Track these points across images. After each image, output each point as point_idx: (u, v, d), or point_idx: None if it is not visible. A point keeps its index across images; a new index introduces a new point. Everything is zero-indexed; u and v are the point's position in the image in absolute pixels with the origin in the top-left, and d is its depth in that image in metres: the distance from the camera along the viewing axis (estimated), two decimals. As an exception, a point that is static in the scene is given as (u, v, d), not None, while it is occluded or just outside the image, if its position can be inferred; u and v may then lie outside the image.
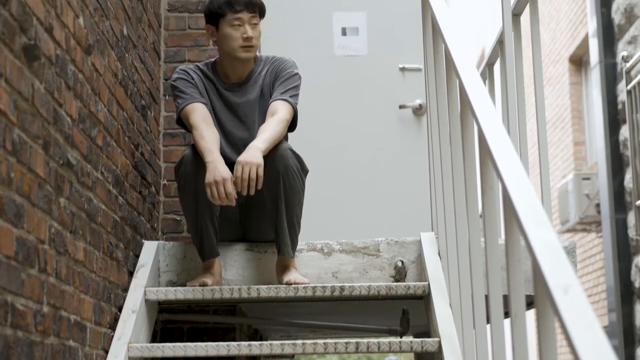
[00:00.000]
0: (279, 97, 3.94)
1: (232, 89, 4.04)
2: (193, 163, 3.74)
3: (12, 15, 2.36)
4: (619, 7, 8.56)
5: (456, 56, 2.95)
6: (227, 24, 3.96)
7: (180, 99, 3.92)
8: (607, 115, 8.63)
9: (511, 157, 2.15)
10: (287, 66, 4.06)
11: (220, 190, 3.60)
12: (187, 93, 3.93)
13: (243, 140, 3.92)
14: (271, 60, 4.10)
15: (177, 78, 3.97)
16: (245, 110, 4.02)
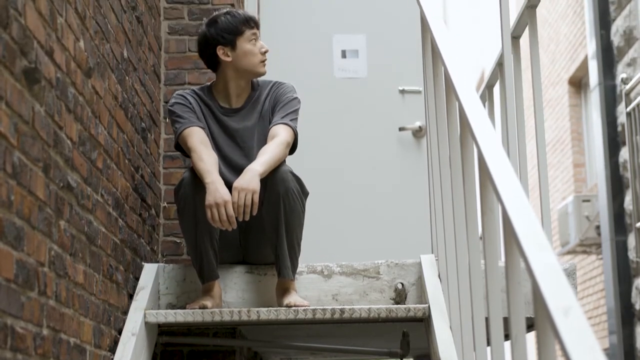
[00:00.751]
0: (279, 121, 3.94)
1: (230, 114, 4.03)
2: (192, 185, 3.74)
3: (12, 39, 2.37)
4: (618, 30, 8.58)
5: (456, 79, 2.95)
6: (245, 41, 3.97)
7: (177, 123, 3.92)
8: (606, 137, 8.64)
9: (511, 180, 2.15)
10: (287, 91, 4.07)
11: (222, 213, 3.60)
12: (184, 117, 3.93)
13: (241, 166, 3.91)
14: (269, 85, 4.10)
15: (175, 103, 3.97)
16: (244, 136, 4.01)
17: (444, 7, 23.49)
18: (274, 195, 3.74)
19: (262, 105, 4.05)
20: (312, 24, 5.67)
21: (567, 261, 8.67)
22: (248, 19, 3.98)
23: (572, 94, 12.13)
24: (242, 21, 3.97)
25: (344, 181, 5.46)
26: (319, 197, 5.12)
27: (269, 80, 4.14)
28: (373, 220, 5.42)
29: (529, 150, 11.85)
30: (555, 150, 12.80)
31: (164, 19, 4.72)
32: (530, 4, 4.38)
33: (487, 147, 2.35)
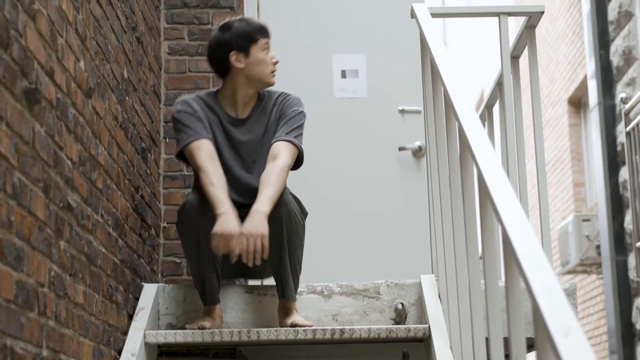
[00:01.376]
0: (282, 137, 3.85)
1: (237, 124, 3.94)
2: (198, 209, 3.67)
3: (13, 59, 2.38)
4: (617, 49, 8.60)
5: (455, 99, 2.96)
6: (259, 49, 3.90)
7: (184, 133, 3.80)
8: (606, 156, 8.64)
9: (511, 200, 2.15)
10: (293, 104, 3.98)
11: (227, 246, 3.55)
12: (191, 128, 3.81)
13: (242, 179, 3.88)
14: (276, 96, 4.02)
15: (180, 110, 3.85)
16: (248, 149, 3.94)
17: (444, 27, 23.55)
18: (276, 218, 3.69)
19: (268, 117, 3.96)
20: (312, 44, 5.69)
21: (567, 281, 8.66)
22: (263, 28, 3.92)
23: (571, 113, 12.15)
24: (257, 29, 3.91)
25: (344, 201, 5.46)
26: (319, 216, 5.12)
27: (275, 91, 4.05)
28: (373, 240, 5.42)
29: (528, 170, 11.86)
30: (555, 169, 12.80)
31: (164, 40, 4.74)
32: (530, 24, 4.39)
33: (486, 167, 2.35)
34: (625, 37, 8.43)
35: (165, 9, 4.76)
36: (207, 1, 4.77)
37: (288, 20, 5.78)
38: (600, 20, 8.90)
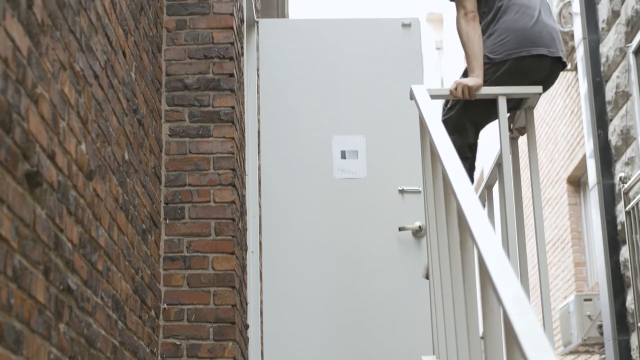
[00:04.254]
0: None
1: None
2: None
3: (15, 143, 2.40)
4: (615, 129, 8.66)
5: (454, 179, 2.97)
6: None
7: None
8: (606, 236, 8.64)
9: (511, 281, 2.15)
10: None
11: None
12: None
13: None
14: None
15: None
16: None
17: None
18: None
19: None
20: (312, 125, 5.72)
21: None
22: None
23: (571, 192, 12.17)
24: None
25: (344, 281, 5.45)
26: (318, 296, 5.10)
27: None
28: (374, 320, 5.40)
29: (529, 249, 11.85)
30: (555, 249, 12.79)
31: (165, 121, 4.77)
32: (528, 105, 4.44)
33: (486, 248, 2.35)
34: (622, 117, 8.49)
35: (166, 91, 4.80)
36: (208, 84, 4.82)
37: (288, 101, 5.83)
38: (598, 100, 8.98)
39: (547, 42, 4.37)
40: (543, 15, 4.42)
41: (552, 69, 4.45)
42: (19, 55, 2.44)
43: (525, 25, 4.35)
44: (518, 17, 4.36)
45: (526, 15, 4.37)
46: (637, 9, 8.10)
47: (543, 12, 4.44)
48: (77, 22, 3.07)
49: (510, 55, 4.33)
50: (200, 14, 4.89)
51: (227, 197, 4.67)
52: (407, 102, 4.60)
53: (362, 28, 6.16)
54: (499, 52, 4.36)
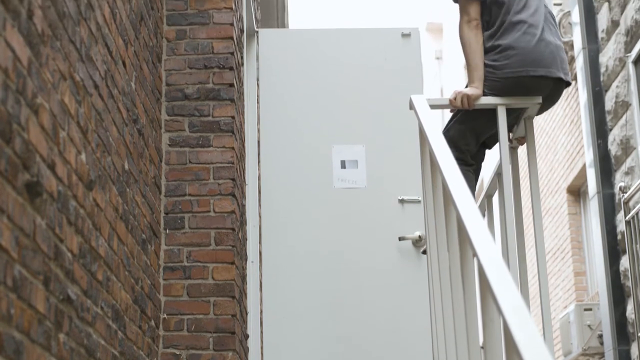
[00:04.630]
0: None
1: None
2: None
3: (15, 153, 2.40)
4: (615, 139, 8.66)
5: (454, 190, 2.97)
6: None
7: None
8: (606, 245, 8.63)
9: (511, 290, 2.15)
10: None
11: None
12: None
13: None
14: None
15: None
16: None
17: (442, 118, 23.73)
18: None
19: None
20: (312, 135, 5.73)
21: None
22: None
23: (571, 202, 12.17)
24: None
25: (344, 290, 5.45)
26: (318, 306, 5.10)
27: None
28: (373, 329, 5.39)
29: (529, 259, 11.84)
30: (555, 258, 12.78)
31: (165, 131, 4.77)
32: (528, 115, 4.44)
33: (486, 258, 2.35)
34: (622, 127, 8.49)
35: (166, 101, 4.80)
36: (208, 93, 4.82)
37: (288, 111, 5.83)
38: (597, 109, 8.98)
39: (548, 63, 4.35)
40: (546, 33, 4.41)
41: (554, 88, 4.44)
42: (19, 65, 2.44)
43: (527, 45, 4.35)
44: (521, 36, 4.36)
45: (529, 35, 4.36)
46: (636, 19, 8.11)
47: (547, 29, 4.43)
48: (77, 32, 3.07)
49: (511, 74, 4.33)
50: (200, 24, 4.89)
51: (227, 207, 4.67)
52: (406, 112, 4.60)
53: (361, 38, 6.17)
54: (500, 68, 4.35)
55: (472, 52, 4.37)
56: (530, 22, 4.41)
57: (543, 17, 4.47)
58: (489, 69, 4.37)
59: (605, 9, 8.92)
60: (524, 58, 4.32)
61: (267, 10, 7.97)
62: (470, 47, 4.38)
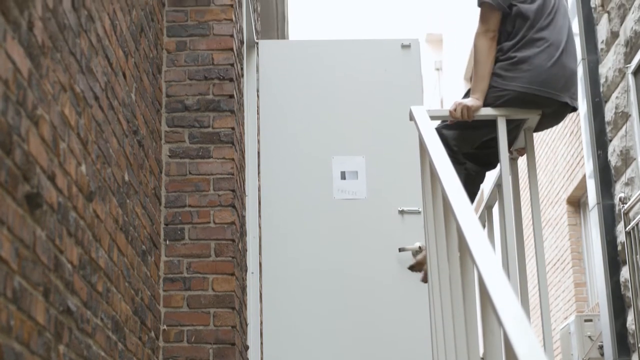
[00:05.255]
0: None
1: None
2: None
3: (15, 164, 2.40)
4: (614, 150, 8.67)
5: (454, 201, 2.97)
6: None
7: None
8: (606, 256, 8.63)
9: (511, 301, 2.15)
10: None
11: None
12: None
13: None
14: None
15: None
16: None
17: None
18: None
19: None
20: (312, 146, 5.73)
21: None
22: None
23: (571, 213, 12.17)
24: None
25: (344, 301, 5.44)
26: (318, 317, 5.09)
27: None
28: (374, 340, 5.39)
29: (529, 270, 11.83)
30: (556, 269, 12.78)
31: (165, 142, 4.78)
32: (528, 126, 4.44)
33: (486, 269, 2.35)
34: (622, 138, 8.50)
35: (166, 112, 4.81)
36: (208, 105, 4.82)
37: (288, 122, 5.84)
38: (597, 120, 8.99)
39: (559, 87, 4.33)
40: (565, 56, 4.39)
41: (558, 110, 4.42)
42: (19, 77, 2.44)
43: (543, 64, 4.32)
44: (539, 54, 4.34)
45: (547, 54, 4.34)
46: (635, 30, 8.12)
47: (566, 52, 4.40)
48: (77, 44, 3.08)
49: (518, 88, 4.31)
50: (200, 36, 4.90)
51: (227, 218, 4.67)
52: (406, 123, 4.61)
53: (361, 49, 6.18)
54: (510, 79, 4.33)
55: (483, 63, 4.36)
56: (552, 41, 4.38)
57: (566, 38, 4.44)
58: (498, 78, 4.35)
59: (605, 20, 8.94)
60: (535, 76, 4.30)
61: (267, 22, 7.98)
62: (481, 57, 4.37)
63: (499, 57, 4.39)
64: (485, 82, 4.34)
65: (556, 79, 4.32)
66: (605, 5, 8.92)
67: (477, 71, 4.37)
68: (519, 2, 4.42)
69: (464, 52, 19.42)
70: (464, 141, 4.46)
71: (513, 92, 4.30)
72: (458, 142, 4.45)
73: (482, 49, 4.38)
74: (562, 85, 4.34)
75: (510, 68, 4.34)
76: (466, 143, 4.47)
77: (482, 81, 4.34)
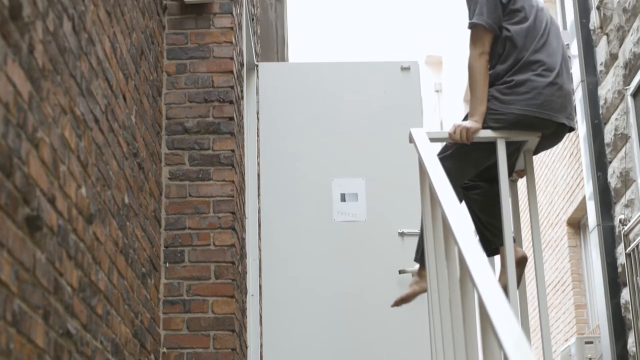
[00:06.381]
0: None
1: None
2: None
3: (15, 187, 2.40)
4: (614, 171, 8.67)
5: (454, 223, 2.97)
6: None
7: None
8: (607, 278, 8.62)
9: (511, 324, 2.14)
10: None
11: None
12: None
13: None
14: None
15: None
16: None
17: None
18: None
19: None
20: (312, 168, 5.73)
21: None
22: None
23: (571, 235, 12.16)
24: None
25: (344, 324, 5.43)
26: (319, 340, 5.08)
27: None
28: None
29: (529, 292, 11.82)
30: (556, 291, 12.76)
31: (165, 165, 4.78)
32: (527, 148, 4.45)
33: (486, 292, 2.35)
34: (622, 159, 8.50)
35: (166, 134, 4.81)
36: (208, 127, 4.83)
37: (288, 144, 5.84)
38: (596, 142, 9.00)
39: (556, 108, 4.34)
40: (560, 78, 4.40)
41: (556, 131, 4.43)
42: (19, 100, 2.45)
43: (539, 86, 4.33)
44: (534, 76, 4.34)
45: (543, 76, 4.35)
46: (634, 52, 8.14)
47: (561, 73, 4.42)
48: (77, 67, 3.09)
49: (517, 111, 4.31)
50: (200, 58, 4.91)
51: (227, 240, 4.67)
52: (406, 145, 4.62)
53: (361, 71, 6.19)
54: (508, 103, 4.34)
55: (481, 85, 4.36)
56: (548, 63, 4.39)
57: (561, 59, 4.46)
58: (496, 102, 4.35)
59: (604, 42, 8.96)
60: (533, 98, 4.31)
61: (267, 44, 8.00)
62: (479, 79, 4.37)
63: (494, 80, 4.40)
64: (483, 105, 4.34)
65: (553, 100, 4.34)
66: (604, 27, 8.94)
67: (475, 94, 4.37)
68: (509, 24, 4.44)
69: (463, 74, 19.46)
70: (465, 169, 4.46)
71: (512, 115, 4.30)
72: (459, 171, 4.45)
73: (480, 71, 4.38)
74: (560, 106, 4.35)
75: (507, 91, 4.35)
76: (468, 170, 4.47)
77: (481, 104, 4.34)
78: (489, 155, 4.39)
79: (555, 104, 4.34)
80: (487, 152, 4.39)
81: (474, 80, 4.38)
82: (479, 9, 4.41)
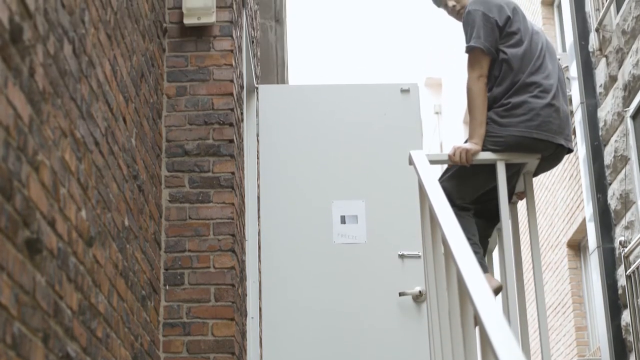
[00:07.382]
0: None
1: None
2: None
3: (15, 210, 2.40)
4: (614, 193, 8.67)
5: (454, 245, 2.97)
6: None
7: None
8: (607, 300, 8.61)
9: (511, 347, 2.14)
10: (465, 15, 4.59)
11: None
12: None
13: None
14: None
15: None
16: None
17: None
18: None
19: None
20: (311, 190, 5.74)
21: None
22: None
23: (571, 257, 12.15)
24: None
25: (345, 346, 5.42)
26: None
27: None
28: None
29: (530, 314, 11.79)
30: (556, 313, 12.74)
31: (165, 187, 4.78)
32: (527, 170, 4.45)
33: (486, 314, 2.35)
34: (621, 181, 8.51)
35: (166, 157, 4.82)
36: (208, 149, 4.83)
37: (287, 166, 5.85)
38: (596, 164, 9.01)
39: (554, 129, 4.36)
40: (556, 99, 4.41)
41: (555, 152, 4.45)
42: (20, 123, 2.45)
43: (536, 108, 4.35)
44: (531, 98, 4.36)
45: (540, 98, 4.37)
46: (633, 74, 8.16)
47: (558, 94, 4.43)
48: (78, 90, 3.09)
49: (515, 132, 4.32)
50: (200, 81, 4.92)
51: (226, 262, 4.67)
52: (406, 167, 4.62)
53: (361, 93, 6.20)
54: (506, 125, 4.35)
55: (481, 108, 4.37)
56: (544, 85, 4.40)
57: (557, 81, 4.47)
58: (494, 125, 4.36)
59: (603, 64, 8.98)
60: (530, 120, 4.32)
61: (267, 67, 8.02)
62: (478, 102, 4.37)
63: (491, 103, 4.42)
64: (483, 128, 4.35)
65: (551, 122, 4.35)
66: (604, 50, 8.97)
67: (475, 116, 4.38)
68: (506, 47, 4.45)
69: (463, 96, 19.49)
70: (465, 191, 4.46)
71: (510, 137, 4.31)
72: (460, 194, 4.45)
73: (479, 94, 4.39)
74: (557, 127, 4.37)
75: (505, 114, 4.36)
76: (467, 193, 4.47)
77: (481, 127, 4.35)
78: (489, 177, 4.39)
79: (552, 125, 4.35)
80: (487, 175, 4.39)
81: (473, 103, 4.39)
82: (476, 32, 4.42)
